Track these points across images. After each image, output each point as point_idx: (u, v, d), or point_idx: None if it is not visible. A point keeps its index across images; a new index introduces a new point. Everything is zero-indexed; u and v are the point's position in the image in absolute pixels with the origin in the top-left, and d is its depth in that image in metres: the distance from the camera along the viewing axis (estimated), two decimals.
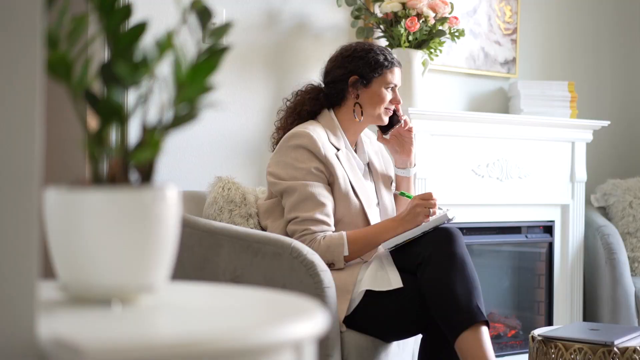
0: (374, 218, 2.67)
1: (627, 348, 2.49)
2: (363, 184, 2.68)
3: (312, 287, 2.37)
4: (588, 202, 4.33)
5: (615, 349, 2.48)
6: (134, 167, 1.09)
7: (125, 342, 0.86)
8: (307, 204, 2.53)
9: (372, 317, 2.50)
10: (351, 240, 2.53)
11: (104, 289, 1.06)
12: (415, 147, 2.84)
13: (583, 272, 4.10)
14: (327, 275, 2.39)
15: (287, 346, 0.99)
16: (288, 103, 2.80)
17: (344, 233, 2.53)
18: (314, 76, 2.94)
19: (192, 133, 3.16)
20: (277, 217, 2.63)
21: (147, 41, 1.08)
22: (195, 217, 2.62)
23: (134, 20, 1.12)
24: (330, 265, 2.50)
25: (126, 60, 1.02)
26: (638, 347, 2.50)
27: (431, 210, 2.55)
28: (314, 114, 2.74)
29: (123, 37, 1.08)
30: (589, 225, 4.08)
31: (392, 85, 2.71)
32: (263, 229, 2.70)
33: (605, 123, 4.05)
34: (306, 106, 2.74)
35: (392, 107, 2.73)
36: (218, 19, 3.23)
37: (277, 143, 2.73)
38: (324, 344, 2.37)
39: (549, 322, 3.91)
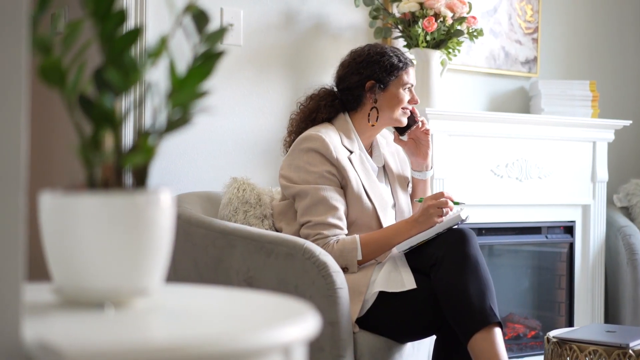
0: (388, 220, 2.66)
1: None
2: (377, 186, 2.68)
3: (325, 288, 2.37)
4: (610, 202, 4.30)
5: (630, 351, 2.46)
6: (127, 171, 1.10)
7: (108, 345, 0.87)
8: (319, 207, 2.53)
9: (386, 318, 2.49)
10: (364, 243, 2.53)
11: (98, 292, 1.07)
12: (432, 149, 2.83)
13: (605, 272, 4.07)
14: (339, 277, 2.39)
15: (275, 350, 1.00)
16: (301, 107, 2.79)
17: (357, 236, 2.53)
18: (332, 77, 2.91)
19: (209, 134, 3.18)
20: (291, 219, 2.64)
21: (141, 47, 1.09)
22: (210, 218, 2.63)
23: (131, 25, 1.13)
24: (344, 269, 2.50)
25: (117, 66, 1.03)
26: None
27: (444, 209, 2.54)
28: (330, 120, 2.74)
29: (117, 42, 1.09)
30: (610, 225, 4.04)
31: (408, 86, 2.71)
32: (278, 231, 2.70)
33: (627, 122, 4.01)
34: (322, 113, 2.72)
35: (410, 107, 2.73)
36: (235, 21, 3.25)
37: (289, 146, 2.73)
38: (336, 345, 2.38)
39: (570, 323, 3.88)
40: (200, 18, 1.22)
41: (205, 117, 3.17)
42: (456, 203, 2.53)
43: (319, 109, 2.73)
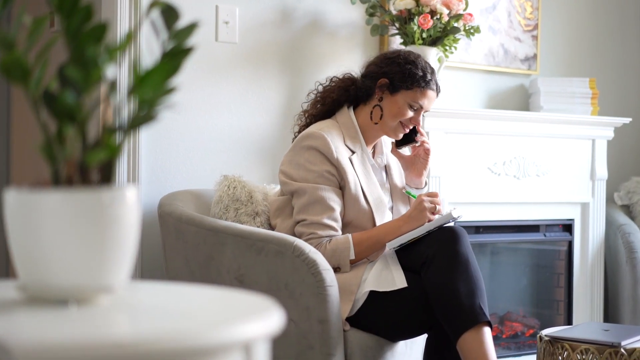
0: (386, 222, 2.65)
1: (634, 349, 2.45)
2: (375, 188, 2.66)
3: (314, 286, 2.37)
4: (611, 200, 4.28)
5: (622, 350, 2.45)
6: (92, 168, 1.10)
7: (60, 342, 0.86)
8: (316, 207, 2.53)
9: (377, 317, 2.49)
10: (357, 242, 2.52)
11: (61, 289, 1.07)
12: (427, 170, 2.77)
13: (604, 271, 4.05)
14: (329, 274, 2.38)
15: (235, 347, 0.99)
16: (320, 87, 2.79)
17: (349, 236, 2.52)
18: (329, 74, 2.90)
19: (205, 131, 3.17)
20: (287, 216, 2.63)
21: (106, 43, 1.09)
22: (201, 216, 2.63)
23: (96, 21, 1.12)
24: (336, 269, 2.50)
25: (79, 63, 1.03)
26: None
27: (437, 207, 2.53)
28: (338, 103, 2.71)
29: (82, 38, 1.09)
30: (610, 223, 4.03)
31: (417, 106, 2.64)
32: (272, 227, 2.70)
33: (627, 120, 3.99)
34: (334, 94, 2.71)
35: (410, 127, 2.69)
36: (230, 19, 3.24)
37: (299, 130, 2.73)
38: (326, 343, 2.37)
39: (569, 322, 3.87)
40: (169, 14, 1.22)
41: (201, 115, 3.17)
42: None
43: (332, 90, 2.72)
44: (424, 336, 2.64)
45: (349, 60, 3.46)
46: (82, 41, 1.09)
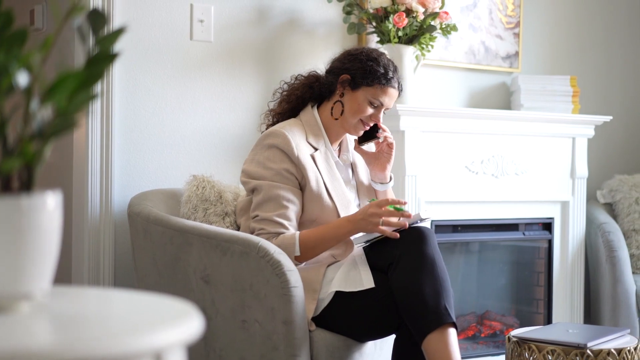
0: None
1: (600, 350, 2.45)
2: (340, 184, 2.66)
3: (279, 287, 2.36)
4: (593, 198, 4.27)
5: (588, 351, 2.44)
6: (13, 175, 1.09)
7: None
8: (270, 204, 2.53)
9: (344, 317, 2.48)
10: (303, 239, 2.51)
11: None
12: (391, 164, 2.77)
13: (585, 270, 4.04)
14: (293, 275, 2.38)
15: (146, 355, 0.99)
16: (285, 85, 2.79)
17: (297, 233, 2.52)
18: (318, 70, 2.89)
19: (180, 130, 3.17)
20: (250, 215, 2.63)
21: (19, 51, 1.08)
22: (168, 216, 2.63)
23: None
24: None
25: None
26: (612, 350, 2.45)
27: (380, 220, 2.48)
28: (302, 101, 2.72)
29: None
30: (591, 222, 4.02)
31: (378, 103, 2.64)
32: (239, 227, 2.70)
33: (607, 118, 3.97)
34: (297, 91, 2.73)
35: (370, 124, 2.69)
36: (205, 17, 3.23)
37: (266, 129, 2.73)
38: (290, 344, 2.37)
39: (549, 320, 3.86)
40: (97, 19, 1.21)
41: (176, 114, 3.17)
42: (399, 209, 2.48)
43: (297, 88, 2.74)
44: (394, 336, 2.63)
45: (327, 59, 3.44)
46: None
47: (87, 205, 2.95)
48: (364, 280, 2.47)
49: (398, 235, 2.46)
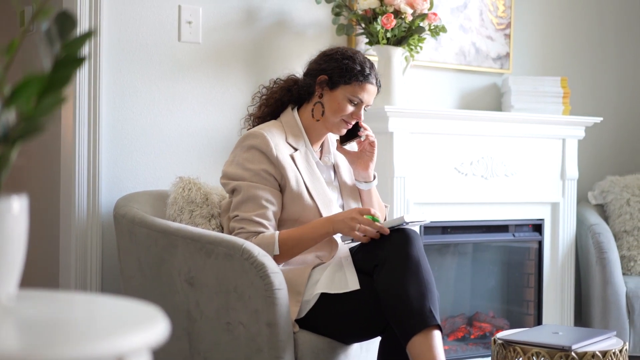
0: None
1: (585, 353, 2.44)
2: (321, 184, 2.66)
3: (263, 289, 2.36)
4: (585, 200, 4.26)
5: (573, 353, 2.44)
6: None
7: None
8: (249, 205, 2.53)
9: (329, 319, 2.48)
10: (282, 239, 2.51)
11: None
12: (374, 162, 2.77)
13: (576, 271, 4.04)
14: (277, 277, 2.37)
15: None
16: (264, 90, 2.80)
17: (276, 233, 2.52)
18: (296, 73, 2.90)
19: (168, 131, 3.16)
20: (230, 215, 2.63)
21: None
22: (153, 218, 2.62)
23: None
24: None
25: None
26: (597, 352, 2.45)
27: (359, 226, 2.48)
28: (282, 104, 2.73)
29: None
30: (581, 223, 4.01)
31: (357, 100, 2.65)
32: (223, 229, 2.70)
33: (598, 119, 3.97)
34: (276, 94, 2.75)
35: (352, 122, 2.69)
36: (193, 18, 3.23)
37: (247, 129, 2.75)
38: (274, 346, 2.36)
39: (539, 322, 3.85)
40: (65, 22, 1.20)
41: (164, 115, 3.16)
42: (375, 219, 2.48)
43: (275, 92, 2.76)
44: (379, 338, 2.63)
45: None
46: None
47: (75, 206, 2.94)
48: (350, 282, 2.47)
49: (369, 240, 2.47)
